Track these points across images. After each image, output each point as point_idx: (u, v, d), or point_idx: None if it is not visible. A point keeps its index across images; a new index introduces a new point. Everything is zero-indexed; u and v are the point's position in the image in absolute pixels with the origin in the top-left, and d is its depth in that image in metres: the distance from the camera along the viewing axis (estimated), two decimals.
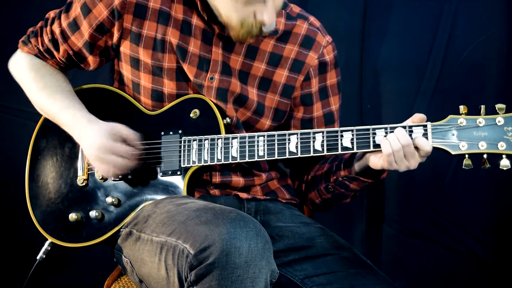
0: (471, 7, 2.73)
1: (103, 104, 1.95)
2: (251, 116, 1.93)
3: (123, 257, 1.82)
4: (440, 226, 2.80)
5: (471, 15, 2.73)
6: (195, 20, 1.88)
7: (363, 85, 2.86)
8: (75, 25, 1.92)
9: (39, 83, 1.94)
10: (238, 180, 1.95)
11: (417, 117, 1.69)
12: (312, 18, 1.99)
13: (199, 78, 1.87)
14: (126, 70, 1.93)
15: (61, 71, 2.00)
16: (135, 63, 1.90)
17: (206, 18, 1.85)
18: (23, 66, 1.98)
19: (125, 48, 1.90)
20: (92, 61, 1.96)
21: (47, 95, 1.91)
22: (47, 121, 1.95)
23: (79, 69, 2.02)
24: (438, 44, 2.76)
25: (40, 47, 1.96)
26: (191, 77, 1.87)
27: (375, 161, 1.71)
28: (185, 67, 1.87)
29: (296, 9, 1.98)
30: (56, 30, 1.94)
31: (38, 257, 1.92)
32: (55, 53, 1.96)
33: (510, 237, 2.73)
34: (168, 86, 1.89)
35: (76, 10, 1.91)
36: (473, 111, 1.67)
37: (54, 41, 1.95)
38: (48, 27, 1.95)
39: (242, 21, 1.76)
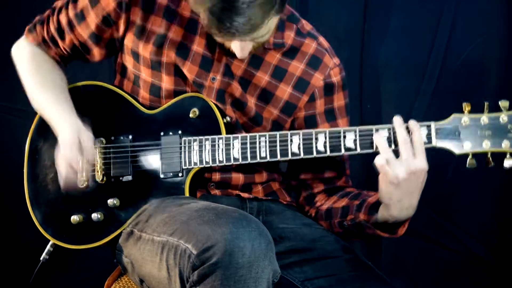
0: (471, 7, 2.73)
1: (100, 103, 1.93)
2: (247, 121, 1.92)
3: (123, 256, 1.81)
4: (440, 226, 2.80)
5: (471, 15, 2.74)
6: None
7: (363, 85, 2.86)
8: (82, 16, 1.91)
9: (37, 76, 1.94)
10: (238, 176, 1.93)
11: None
12: (321, 39, 1.95)
13: (201, 77, 1.86)
14: (128, 62, 1.92)
15: (59, 67, 1.99)
16: (136, 56, 1.89)
17: None
18: (24, 56, 1.98)
19: (128, 41, 1.89)
20: (97, 52, 1.96)
21: (42, 89, 1.91)
22: (43, 120, 1.93)
23: (83, 60, 2.01)
24: (438, 44, 2.76)
25: (45, 35, 1.96)
26: (191, 77, 1.86)
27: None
28: (186, 65, 1.86)
29: (307, 26, 1.95)
30: (63, 20, 1.94)
31: (41, 258, 1.91)
32: (59, 42, 1.96)
33: (510, 237, 2.73)
34: (166, 82, 1.88)
35: (84, 0, 1.91)
36: (476, 109, 1.66)
37: (60, 30, 1.95)
38: (55, 16, 1.95)
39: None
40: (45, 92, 1.91)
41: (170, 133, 1.85)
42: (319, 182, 1.97)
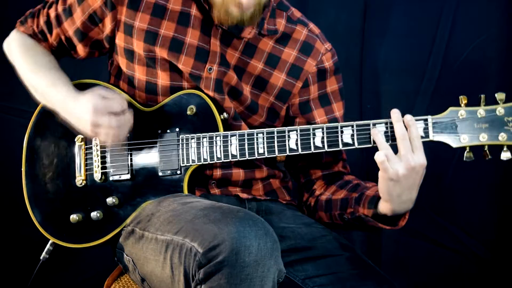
0: (471, 7, 2.73)
1: None
2: (243, 111, 1.92)
3: (124, 255, 1.82)
4: (440, 226, 2.80)
5: (471, 15, 2.74)
6: (194, 11, 1.87)
7: (363, 85, 2.86)
8: (69, 12, 1.93)
9: (28, 60, 1.95)
10: (238, 172, 1.93)
11: None
12: (311, 25, 1.97)
13: (197, 69, 1.86)
14: (121, 63, 1.93)
15: (52, 54, 2.01)
16: (130, 55, 1.89)
17: (207, 7, 1.84)
18: (15, 43, 2.00)
19: (120, 40, 1.90)
20: (81, 50, 1.97)
21: (36, 72, 1.92)
22: (40, 119, 1.94)
23: (70, 57, 2.03)
24: (438, 44, 2.76)
25: (35, 28, 1.99)
26: (188, 70, 1.86)
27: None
28: (181, 59, 1.85)
29: (297, 13, 1.97)
30: (52, 13, 1.96)
31: (41, 257, 1.92)
32: (48, 36, 1.98)
33: (510, 237, 2.73)
34: (162, 78, 1.88)
35: None
36: (473, 102, 1.66)
37: (48, 23, 1.97)
38: (45, 10, 1.98)
39: None
40: (40, 73, 1.91)
41: (168, 131, 1.85)
42: (316, 167, 1.98)
